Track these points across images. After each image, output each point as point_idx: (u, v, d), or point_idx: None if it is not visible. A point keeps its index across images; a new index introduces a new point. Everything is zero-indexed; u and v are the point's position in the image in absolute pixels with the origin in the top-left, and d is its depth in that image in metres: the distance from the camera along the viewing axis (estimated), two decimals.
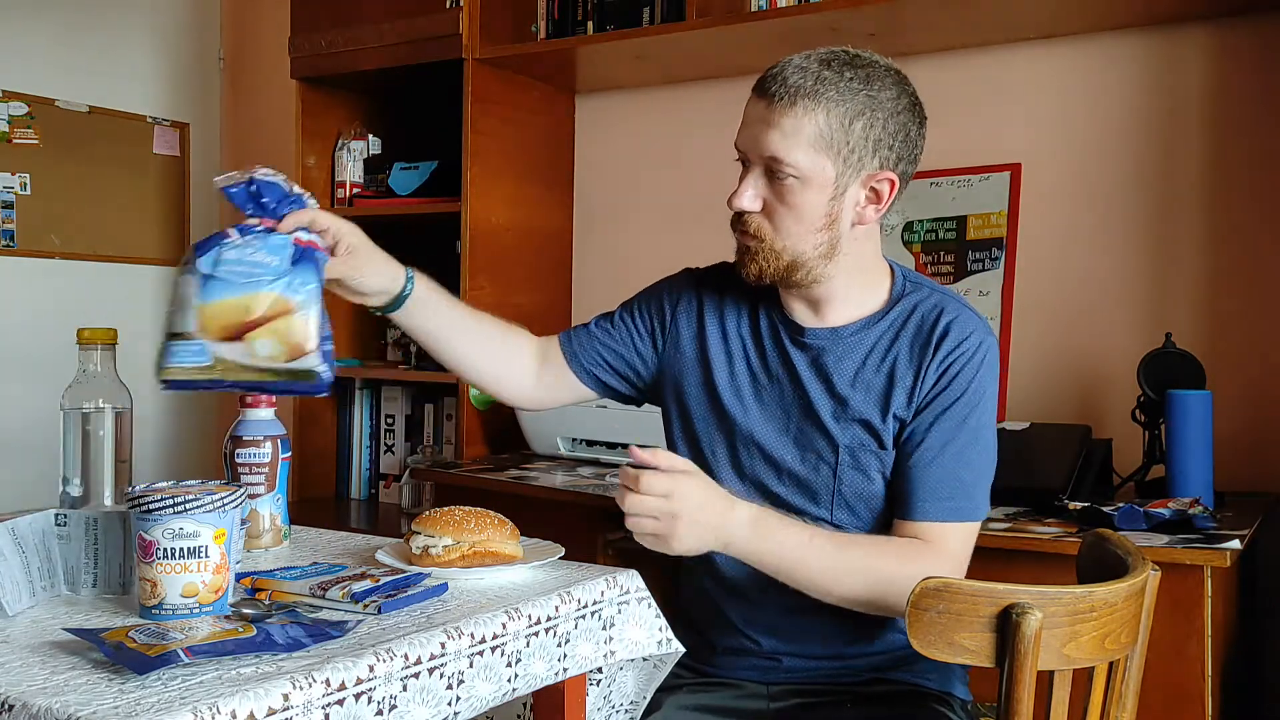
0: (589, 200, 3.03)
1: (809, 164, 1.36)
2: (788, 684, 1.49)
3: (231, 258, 1.25)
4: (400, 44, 2.77)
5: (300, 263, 1.28)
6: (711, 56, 2.65)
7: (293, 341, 1.25)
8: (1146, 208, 2.33)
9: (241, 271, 1.25)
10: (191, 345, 1.25)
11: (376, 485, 3.08)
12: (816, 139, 1.35)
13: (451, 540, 1.29)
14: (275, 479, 1.47)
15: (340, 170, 3.02)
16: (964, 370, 1.40)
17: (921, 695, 1.47)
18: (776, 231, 1.40)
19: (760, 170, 1.40)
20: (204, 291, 1.25)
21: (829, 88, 1.35)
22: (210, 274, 1.25)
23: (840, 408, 1.45)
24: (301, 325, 1.25)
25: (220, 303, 1.24)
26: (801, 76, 1.36)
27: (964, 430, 1.40)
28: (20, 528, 1.15)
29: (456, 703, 1.07)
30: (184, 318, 1.26)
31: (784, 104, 1.36)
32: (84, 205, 3.22)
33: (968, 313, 1.44)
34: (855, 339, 1.46)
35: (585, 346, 1.61)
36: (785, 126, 1.35)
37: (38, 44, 3.12)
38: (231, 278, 1.24)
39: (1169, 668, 1.65)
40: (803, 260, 1.41)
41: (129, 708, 0.85)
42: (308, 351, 1.25)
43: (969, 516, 1.40)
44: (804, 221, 1.39)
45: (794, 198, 1.38)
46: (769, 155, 1.37)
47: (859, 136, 1.36)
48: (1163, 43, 2.31)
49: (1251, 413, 2.21)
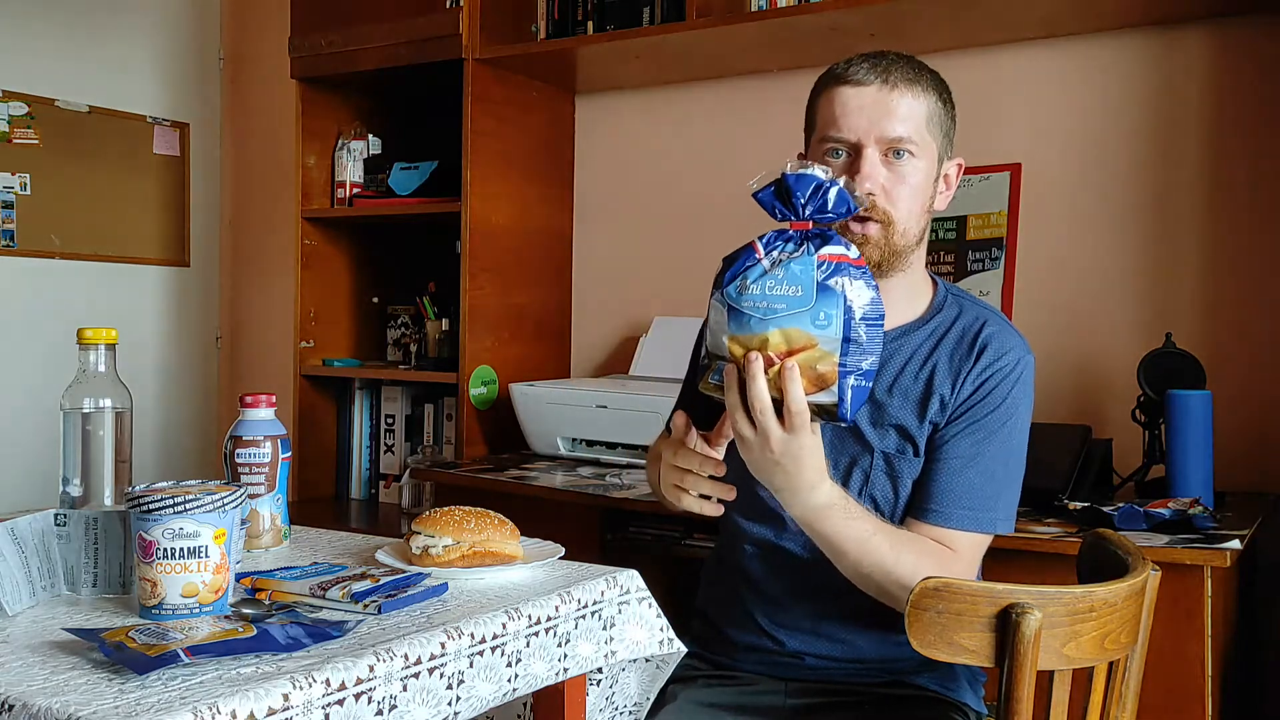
0: (589, 200, 3.03)
1: (925, 142, 1.43)
2: (806, 681, 1.49)
3: (752, 291, 1.21)
4: (400, 44, 2.77)
5: (824, 292, 1.19)
6: (711, 56, 2.65)
7: (815, 373, 1.20)
8: (1147, 208, 2.33)
9: (762, 307, 1.20)
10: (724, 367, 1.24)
11: (376, 485, 3.08)
12: (930, 118, 1.44)
13: (451, 540, 1.29)
14: (275, 479, 1.47)
15: (340, 170, 3.02)
16: (1001, 384, 1.42)
17: (936, 702, 1.47)
18: (897, 211, 1.42)
19: (878, 155, 1.42)
20: (729, 323, 1.22)
21: (925, 75, 1.45)
22: (734, 305, 1.22)
23: (877, 413, 1.45)
24: (823, 358, 1.19)
25: (742, 337, 1.21)
26: (900, 64, 1.43)
27: (994, 442, 1.41)
28: (20, 528, 1.15)
29: (456, 703, 1.07)
30: (718, 342, 1.24)
31: (900, 88, 1.42)
32: (84, 205, 3.22)
33: (1009, 329, 1.47)
34: (896, 344, 1.46)
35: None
36: (903, 109, 1.41)
37: (38, 44, 3.12)
38: (752, 312, 1.20)
39: (1169, 668, 1.65)
40: (909, 243, 1.44)
41: (129, 708, 0.85)
42: (829, 385, 1.20)
43: (987, 528, 1.41)
44: (919, 199, 1.44)
45: (914, 176, 1.43)
46: (894, 136, 1.41)
47: (949, 122, 1.47)
48: (1163, 43, 2.31)
49: (1251, 413, 2.21)
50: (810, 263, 1.20)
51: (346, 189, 3.00)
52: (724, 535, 1.58)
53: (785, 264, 1.20)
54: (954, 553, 1.39)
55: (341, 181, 3.01)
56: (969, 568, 1.42)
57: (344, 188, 3.00)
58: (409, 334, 3.07)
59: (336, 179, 3.03)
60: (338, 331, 3.08)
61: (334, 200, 3.02)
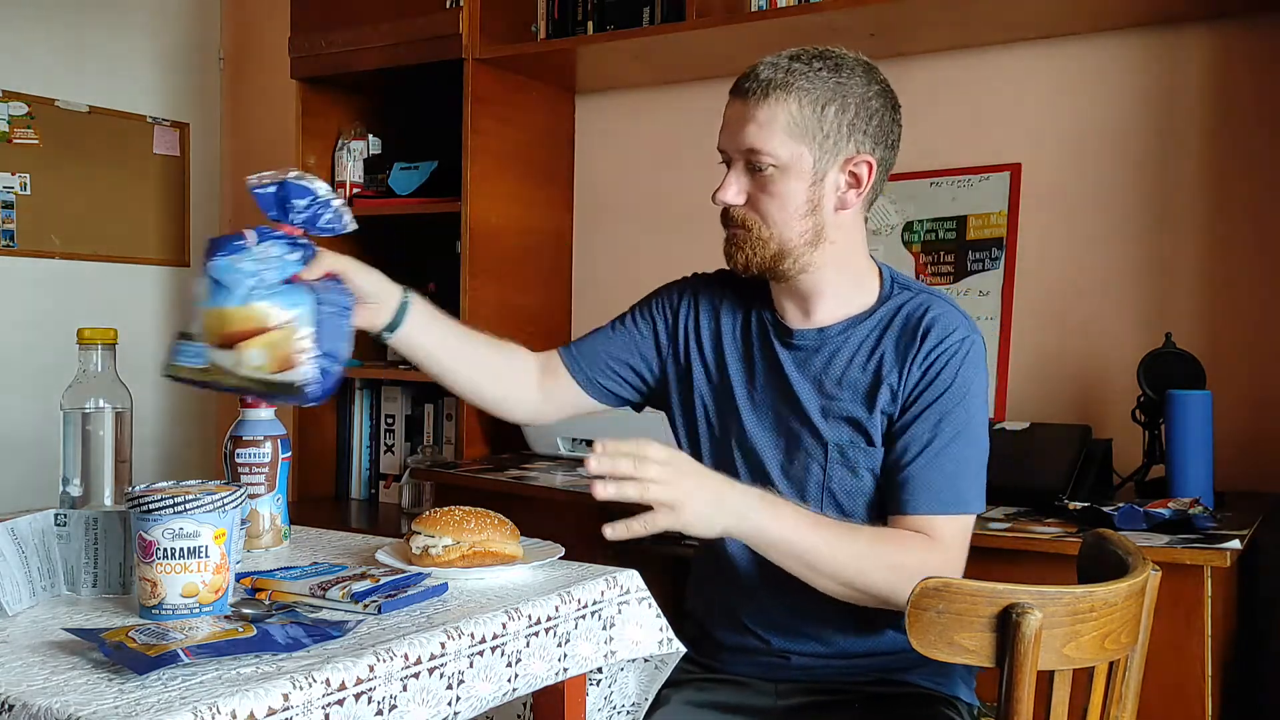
0: (589, 200, 3.03)
1: (786, 152, 1.40)
2: (795, 682, 1.49)
3: (238, 266, 1.28)
4: (400, 44, 2.77)
5: (299, 285, 1.31)
6: (711, 56, 2.64)
7: (281, 354, 1.28)
8: (1147, 207, 2.33)
9: (244, 281, 1.28)
10: (193, 346, 1.30)
11: (376, 485, 3.08)
12: (791, 127, 1.40)
13: (451, 540, 1.29)
14: (275, 479, 1.47)
15: (340, 170, 3.02)
16: (948, 365, 1.42)
17: (928, 698, 1.47)
18: (763, 220, 1.43)
19: (741, 165, 1.44)
20: (209, 296, 1.29)
21: (798, 78, 1.40)
22: (218, 279, 1.28)
23: (827, 406, 1.46)
24: (292, 339, 1.28)
25: (220, 310, 1.28)
26: (773, 71, 1.41)
27: (949, 424, 1.41)
28: (20, 528, 1.15)
29: (456, 703, 1.07)
30: (191, 318, 1.30)
31: (757, 98, 1.41)
32: (84, 205, 3.22)
33: (952, 310, 1.47)
34: (841, 338, 1.47)
35: (589, 357, 1.62)
36: (760, 118, 1.40)
37: (38, 44, 3.12)
38: (234, 287, 1.27)
39: (1169, 668, 1.65)
40: (789, 248, 1.43)
41: (129, 708, 0.85)
42: (296, 365, 1.28)
43: (959, 509, 1.40)
44: (787, 209, 1.42)
45: (775, 186, 1.42)
46: (747, 148, 1.42)
47: (832, 122, 1.40)
48: (1163, 43, 2.31)
49: (1251, 413, 2.21)
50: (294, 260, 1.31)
51: (346, 189, 3.00)
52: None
53: (273, 257, 1.30)
54: (934, 539, 1.38)
55: (341, 181, 3.01)
56: (956, 553, 1.40)
57: (344, 188, 3.00)
58: None
59: (336, 179, 3.03)
60: None
61: None
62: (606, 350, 1.62)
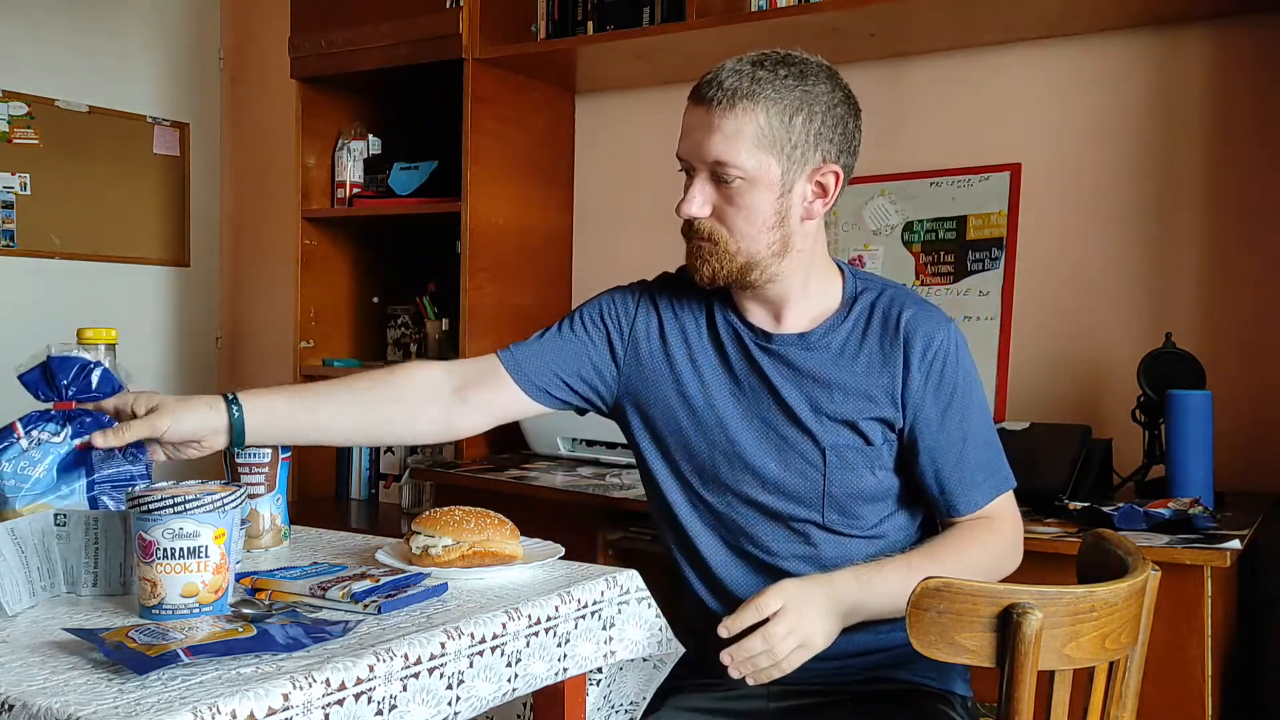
0: (589, 200, 3.03)
1: (754, 164, 1.37)
2: (787, 684, 1.49)
3: (7, 470, 1.26)
4: (400, 44, 2.77)
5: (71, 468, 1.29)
6: (711, 57, 2.61)
7: None
8: (1146, 207, 2.33)
9: (14, 487, 1.25)
10: None
11: (376, 485, 3.08)
12: (759, 138, 1.37)
13: (451, 540, 1.29)
14: (275, 479, 1.47)
15: (340, 170, 3.02)
16: (948, 367, 1.45)
17: (922, 694, 1.47)
18: (730, 233, 1.41)
19: (706, 175, 1.41)
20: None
21: (765, 87, 1.37)
22: None
23: (820, 410, 1.45)
24: None
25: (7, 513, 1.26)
26: (737, 79, 1.37)
27: (970, 417, 1.46)
28: (20, 528, 1.15)
29: (456, 703, 1.07)
30: None
31: (723, 107, 1.37)
32: (84, 205, 3.22)
33: (926, 307, 1.48)
34: (823, 341, 1.47)
35: (535, 365, 1.55)
36: (727, 129, 1.37)
37: (38, 44, 3.12)
38: (9, 492, 1.25)
39: (1169, 668, 1.65)
40: (757, 260, 1.42)
41: (129, 708, 0.85)
42: None
43: (1005, 486, 1.49)
44: (755, 221, 1.40)
45: (742, 199, 1.39)
46: (713, 159, 1.38)
47: (800, 132, 1.38)
48: (1163, 43, 2.31)
49: (1251, 413, 2.21)
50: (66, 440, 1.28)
51: (346, 189, 3.00)
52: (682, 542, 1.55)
53: (44, 443, 1.28)
54: (997, 519, 1.45)
55: (341, 181, 3.01)
56: (1017, 522, 1.49)
57: (344, 188, 3.00)
58: (409, 334, 3.07)
59: (336, 179, 3.03)
60: (338, 331, 3.07)
61: (334, 200, 3.02)
62: (556, 359, 1.55)
